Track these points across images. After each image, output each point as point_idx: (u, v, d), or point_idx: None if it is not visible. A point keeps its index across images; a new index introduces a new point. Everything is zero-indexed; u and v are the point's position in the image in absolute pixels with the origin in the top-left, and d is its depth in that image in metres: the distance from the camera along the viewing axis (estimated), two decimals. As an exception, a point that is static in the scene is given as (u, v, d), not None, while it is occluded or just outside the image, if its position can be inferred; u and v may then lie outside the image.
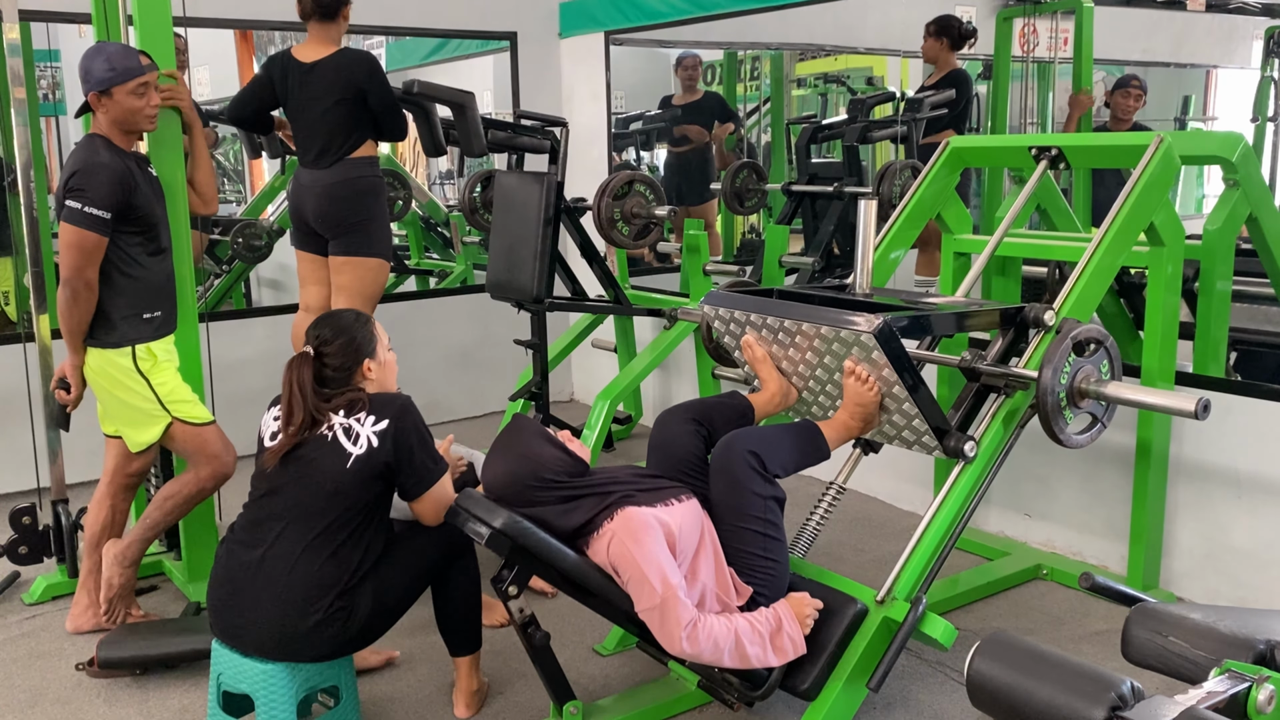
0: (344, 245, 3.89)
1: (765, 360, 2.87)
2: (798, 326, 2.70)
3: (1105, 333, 2.72)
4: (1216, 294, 3.35)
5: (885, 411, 2.72)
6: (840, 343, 2.62)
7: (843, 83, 6.01)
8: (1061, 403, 2.66)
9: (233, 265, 5.57)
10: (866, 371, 2.64)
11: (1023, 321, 2.79)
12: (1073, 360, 2.65)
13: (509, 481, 2.44)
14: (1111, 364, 2.73)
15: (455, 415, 5.40)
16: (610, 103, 5.53)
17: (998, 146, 3.67)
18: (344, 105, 3.77)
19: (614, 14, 5.34)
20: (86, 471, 3.85)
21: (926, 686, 2.89)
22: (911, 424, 2.71)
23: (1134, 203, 2.90)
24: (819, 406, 2.90)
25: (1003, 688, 1.68)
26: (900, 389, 2.61)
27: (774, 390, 2.86)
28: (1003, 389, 2.77)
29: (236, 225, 5.43)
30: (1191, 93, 5.66)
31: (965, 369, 2.80)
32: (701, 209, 6.07)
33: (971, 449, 2.69)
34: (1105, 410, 2.76)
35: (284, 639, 2.43)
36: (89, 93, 2.97)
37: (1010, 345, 2.83)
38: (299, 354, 2.59)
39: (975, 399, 2.83)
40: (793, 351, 2.79)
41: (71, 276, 2.96)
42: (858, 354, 2.62)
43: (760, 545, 2.50)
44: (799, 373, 2.84)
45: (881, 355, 2.55)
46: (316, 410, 2.52)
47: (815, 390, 2.85)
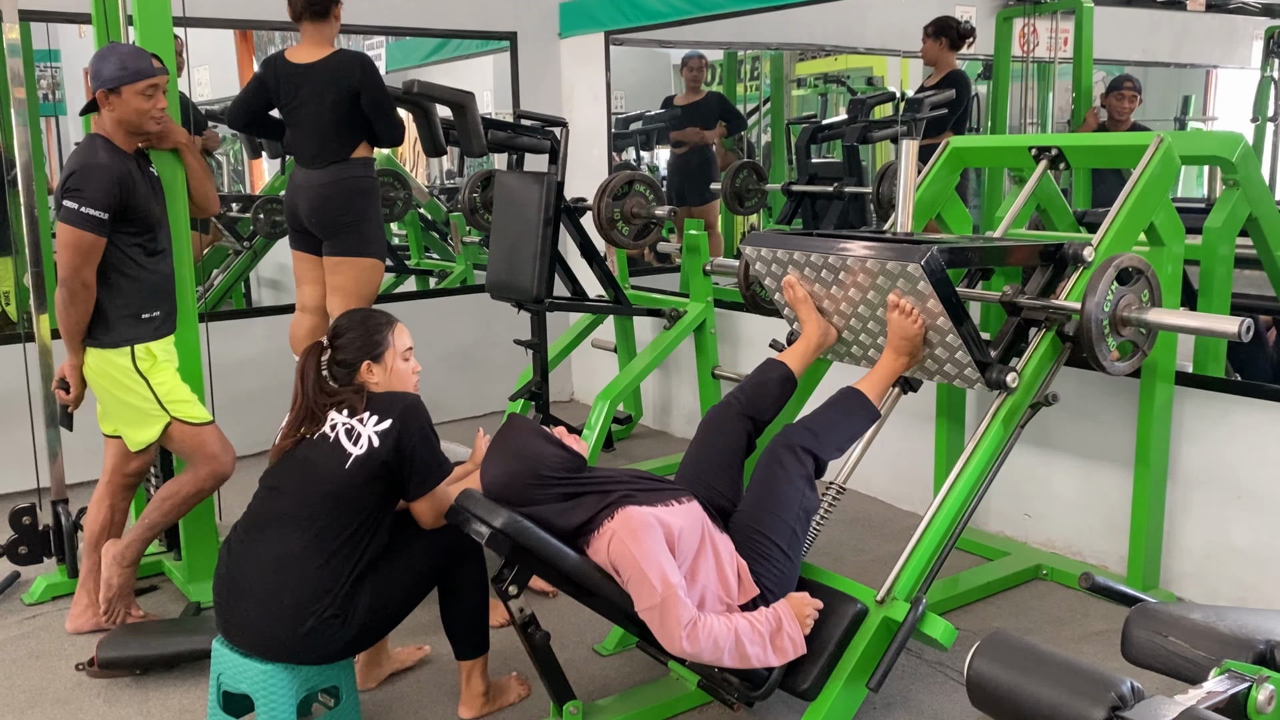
0: (338, 246, 3.90)
1: (806, 300, 2.91)
2: (842, 262, 2.74)
3: (1145, 262, 2.76)
4: (1216, 294, 3.35)
5: (928, 345, 2.76)
6: (886, 276, 2.65)
7: (843, 83, 6.01)
8: (1105, 330, 2.69)
9: (254, 241, 5.59)
10: (911, 304, 2.68)
11: (1062, 258, 2.84)
12: (1115, 289, 2.69)
13: (508, 481, 2.44)
14: (1152, 291, 2.77)
15: (455, 415, 5.40)
16: (610, 103, 5.53)
17: (998, 146, 3.67)
18: (338, 107, 3.76)
19: (614, 14, 5.34)
20: (86, 471, 3.85)
21: (926, 686, 2.89)
22: (955, 356, 2.74)
23: (1134, 203, 2.90)
24: (860, 346, 2.94)
25: (1003, 688, 1.68)
26: (945, 320, 2.65)
27: (812, 331, 2.91)
28: (1044, 321, 2.81)
29: (258, 200, 5.47)
30: (1191, 93, 5.66)
31: (1006, 304, 2.85)
32: (703, 209, 6.07)
33: (1014, 379, 2.74)
34: (1147, 337, 2.81)
35: (280, 641, 2.43)
36: (97, 90, 2.97)
37: (1050, 281, 2.87)
38: (312, 344, 2.60)
39: (1015, 334, 2.87)
40: (835, 289, 2.82)
41: (69, 277, 2.96)
42: (903, 286, 2.64)
43: (785, 538, 2.54)
44: (840, 311, 2.88)
45: (928, 286, 2.57)
46: (315, 403, 2.52)
47: (857, 328, 2.89)
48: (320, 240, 3.93)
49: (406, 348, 2.67)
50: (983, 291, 3.19)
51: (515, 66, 5.58)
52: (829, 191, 4.77)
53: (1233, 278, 3.37)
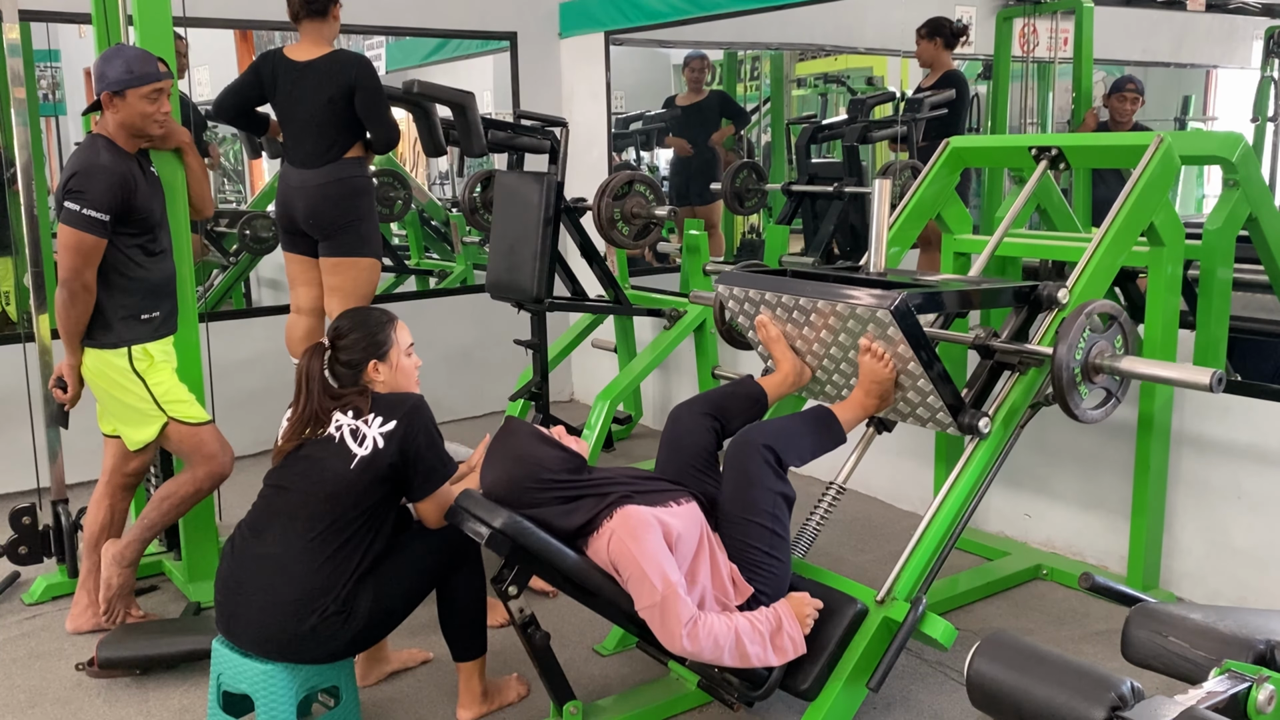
0: (335, 246, 3.89)
1: (779, 340, 2.88)
2: (813, 304, 2.72)
3: (1119, 308, 2.74)
4: (1216, 294, 3.35)
5: (900, 389, 2.74)
6: (856, 320, 2.64)
7: (843, 83, 6.01)
8: (1077, 378, 2.67)
9: (239, 257, 5.57)
10: (882, 348, 2.66)
11: (1036, 300, 2.81)
12: (1087, 335, 2.67)
13: (509, 485, 2.43)
14: (1125, 338, 2.76)
15: (455, 415, 5.40)
16: (610, 103, 5.53)
17: (998, 146, 3.67)
18: (334, 106, 3.76)
19: (614, 14, 5.34)
20: (86, 471, 3.85)
21: (926, 686, 2.89)
22: (926, 401, 2.72)
23: (1134, 202, 2.90)
24: (833, 385, 2.91)
25: (1003, 688, 1.68)
26: (915, 365, 2.63)
27: (788, 370, 2.88)
28: (1017, 365, 2.79)
29: (244, 217, 5.45)
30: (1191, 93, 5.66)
31: (979, 346, 2.83)
32: (706, 209, 6.07)
33: (986, 425, 2.71)
34: (1120, 385, 2.79)
35: (281, 641, 2.43)
36: (102, 92, 2.97)
37: (1023, 323, 2.85)
38: (314, 344, 2.59)
39: (989, 377, 2.85)
40: (807, 330, 2.80)
41: (69, 278, 2.96)
42: (873, 331, 2.63)
43: (767, 542, 2.51)
44: (813, 351, 2.85)
45: (897, 332, 2.56)
46: (320, 405, 2.52)
47: (829, 369, 2.87)
48: (314, 241, 3.93)
49: (409, 344, 2.69)
50: (954, 333, 3.15)
51: (515, 66, 5.58)
52: (829, 191, 4.77)
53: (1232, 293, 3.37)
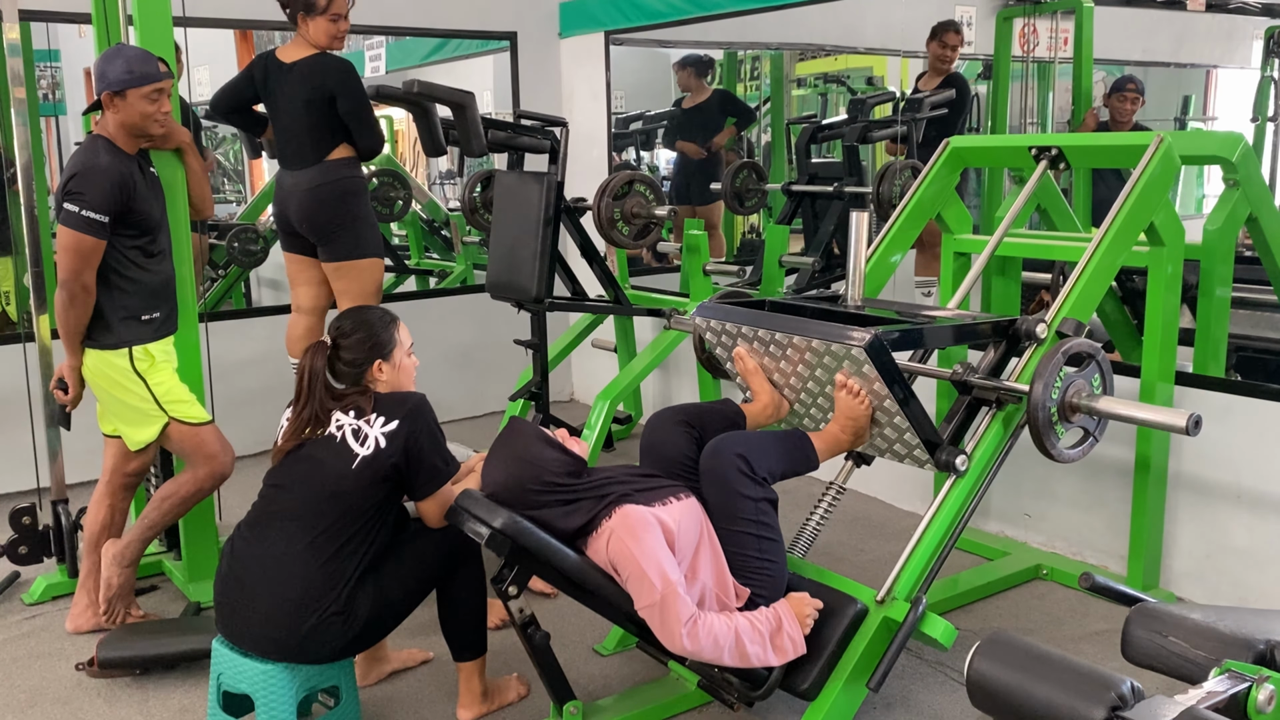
0: (334, 250, 3.89)
1: (757, 372, 2.86)
2: (789, 339, 2.70)
3: (1096, 346, 2.70)
4: (1216, 294, 3.35)
5: (876, 425, 2.71)
6: (831, 356, 2.62)
7: (843, 83, 6.01)
8: (1053, 418, 2.64)
9: (229, 270, 5.58)
10: (858, 385, 2.64)
11: (1015, 334, 2.78)
12: (1064, 375, 2.64)
13: (511, 486, 2.43)
14: (1103, 378, 2.72)
15: (455, 415, 5.40)
16: (610, 103, 5.53)
17: (998, 146, 3.67)
18: (312, 109, 3.76)
19: (614, 14, 5.34)
20: (86, 471, 3.85)
21: (926, 686, 2.89)
22: (903, 438, 2.70)
23: (1134, 203, 2.90)
24: (810, 419, 2.89)
25: (1003, 688, 1.68)
26: (891, 403, 2.61)
27: (766, 402, 2.85)
28: (995, 402, 2.75)
29: (233, 230, 5.43)
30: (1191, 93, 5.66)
31: (957, 382, 2.79)
32: (706, 209, 6.07)
33: (963, 463, 2.67)
34: (1097, 424, 2.74)
35: (281, 640, 2.43)
36: (103, 92, 2.96)
37: (1003, 357, 2.82)
38: (315, 343, 2.59)
39: (967, 412, 2.81)
40: (784, 364, 2.78)
41: (69, 279, 2.96)
42: (849, 367, 2.61)
43: (755, 547, 2.50)
44: (790, 385, 2.83)
45: (872, 369, 2.54)
46: (322, 405, 2.52)
47: (807, 403, 2.84)
48: (311, 241, 3.94)
49: (410, 344, 2.70)
50: (933, 368, 3.13)
51: (515, 66, 5.58)
52: (829, 191, 4.77)
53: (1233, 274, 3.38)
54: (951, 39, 4.88)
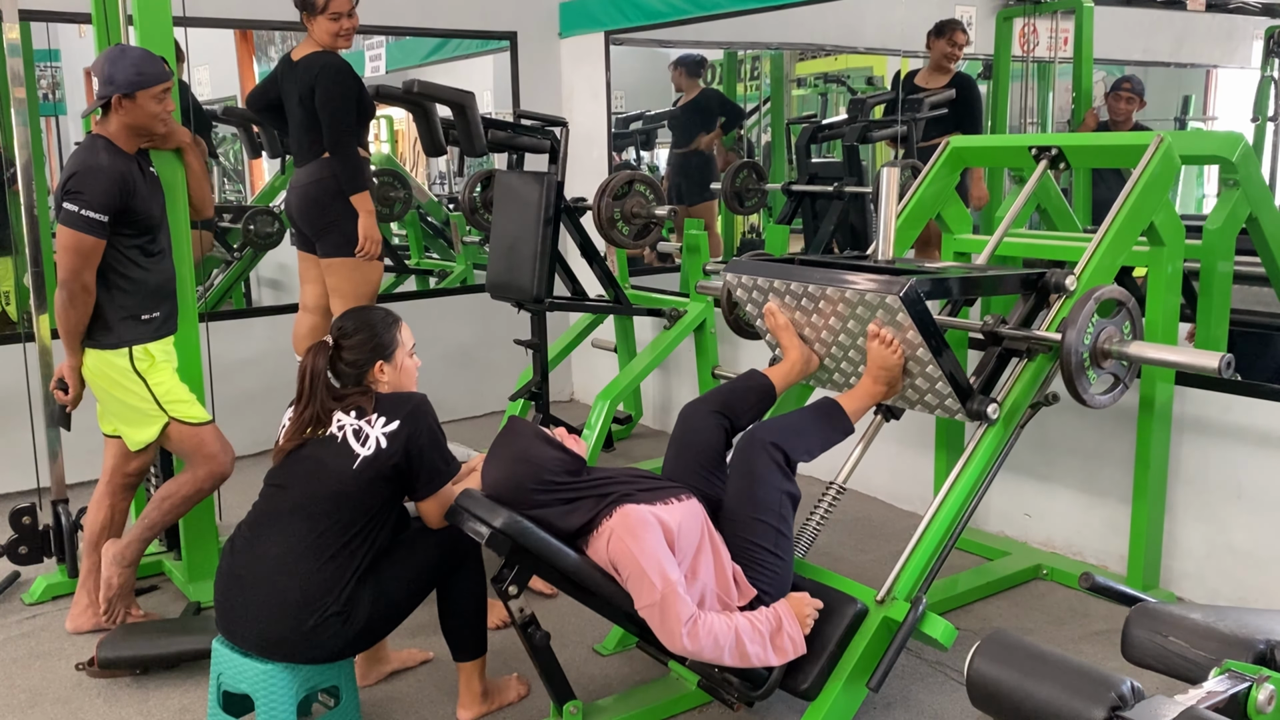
0: (327, 246, 3.94)
1: (787, 328, 2.89)
2: (822, 291, 2.72)
3: (1127, 294, 2.75)
4: (1216, 294, 3.35)
5: (908, 375, 2.74)
6: (865, 306, 2.64)
7: (843, 83, 6.02)
8: (1085, 363, 2.68)
9: (244, 252, 5.59)
10: (890, 335, 2.66)
11: (1044, 286, 2.82)
12: (1095, 321, 2.68)
13: (510, 486, 2.43)
14: (1133, 324, 2.76)
15: (455, 415, 5.40)
16: (610, 103, 5.53)
17: (998, 146, 3.67)
18: (304, 106, 3.82)
19: (614, 14, 5.34)
20: (86, 471, 3.85)
21: (926, 686, 2.89)
22: (935, 387, 2.73)
23: (1134, 202, 2.90)
24: (841, 374, 2.92)
25: (1003, 688, 1.68)
26: (924, 352, 2.63)
27: (795, 358, 2.89)
28: (1025, 352, 2.80)
29: (249, 212, 5.47)
30: (1191, 93, 5.66)
31: (987, 333, 2.83)
32: (701, 209, 6.07)
33: (994, 411, 2.72)
34: (1128, 370, 2.79)
35: (282, 640, 2.43)
36: (113, 95, 2.96)
37: (1031, 310, 2.86)
38: (317, 343, 2.59)
39: (997, 364, 2.86)
40: (815, 318, 2.81)
41: (68, 279, 2.96)
42: (882, 317, 2.63)
43: (772, 540, 2.52)
44: (821, 339, 2.86)
45: (906, 318, 2.56)
46: (323, 405, 2.51)
47: (838, 356, 2.87)
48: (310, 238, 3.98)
49: (411, 344, 2.70)
50: (963, 320, 3.17)
51: (515, 66, 5.58)
52: (829, 191, 4.77)
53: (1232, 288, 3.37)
54: (960, 38, 4.88)
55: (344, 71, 3.82)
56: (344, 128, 3.81)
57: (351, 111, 3.82)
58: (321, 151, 3.85)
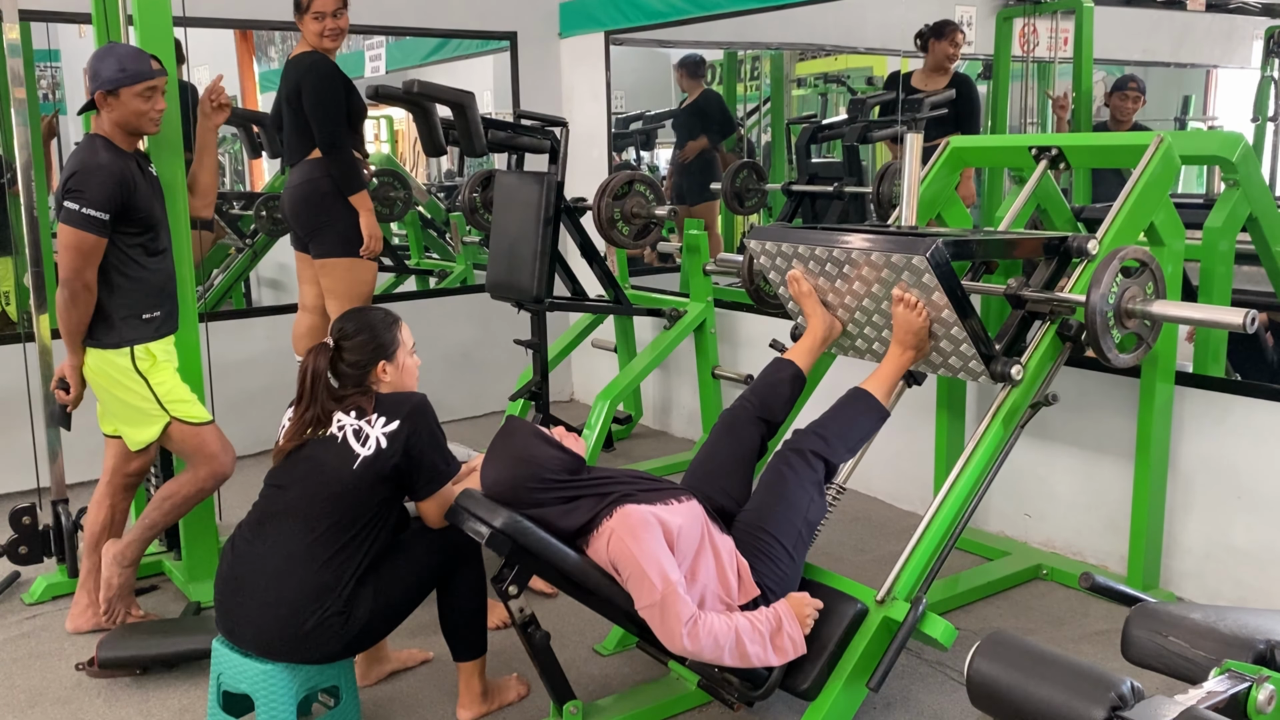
0: (319, 248, 3.95)
1: (811, 294, 2.91)
2: (847, 255, 2.74)
3: (1149, 253, 2.75)
4: (1216, 293, 3.35)
5: (933, 338, 2.76)
6: (891, 268, 2.66)
7: (843, 83, 6.01)
8: (1110, 322, 2.69)
9: (256, 239, 5.60)
10: (916, 297, 2.68)
11: (1066, 251, 2.84)
12: (1119, 281, 2.69)
13: (510, 485, 2.43)
14: (1156, 284, 2.77)
15: (455, 415, 5.40)
16: (610, 103, 5.53)
17: (998, 146, 3.67)
18: (290, 106, 3.83)
19: (614, 14, 5.34)
20: (86, 471, 3.85)
21: (926, 686, 2.89)
22: (959, 349, 2.74)
23: (1134, 202, 2.90)
24: (864, 339, 2.94)
25: (1003, 688, 1.68)
26: (949, 313, 2.65)
27: (818, 325, 2.92)
28: (1048, 314, 2.81)
29: (260, 198, 5.51)
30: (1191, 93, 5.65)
31: (1010, 296, 2.85)
32: (701, 209, 6.07)
33: (1019, 372, 2.74)
34: (1151, 329, 2.80)
35: (282, 640, 2.43)
36: (96, 91, 2.96)
37: (1053, 274, 2.87)
38: (317, 344, 2.59)
39: (1020, 327, 2.87)
40: (840, 283, 2.82)
41: (70, 278, 2.96)
42: (908, 279, 2.65)
43: (792, 539, 2.55)
44: (845, 304, 2.88)
45: (933, 279, 2.58)
46: (324, 406, 2.51)
47: (861, 322, 2.89)
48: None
49: (411, 344, 2.71)
50: (986, 284, 3.19)
51: (515, 66, 5.58)
52: (829, 191, 4.77)
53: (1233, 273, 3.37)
54: (960, 39, 4.89)
55: (327, 71, 3.81)
56: (335, 128, 3.81)
57: (340, 112, 3.82)
58: (310, 152, 3.84)
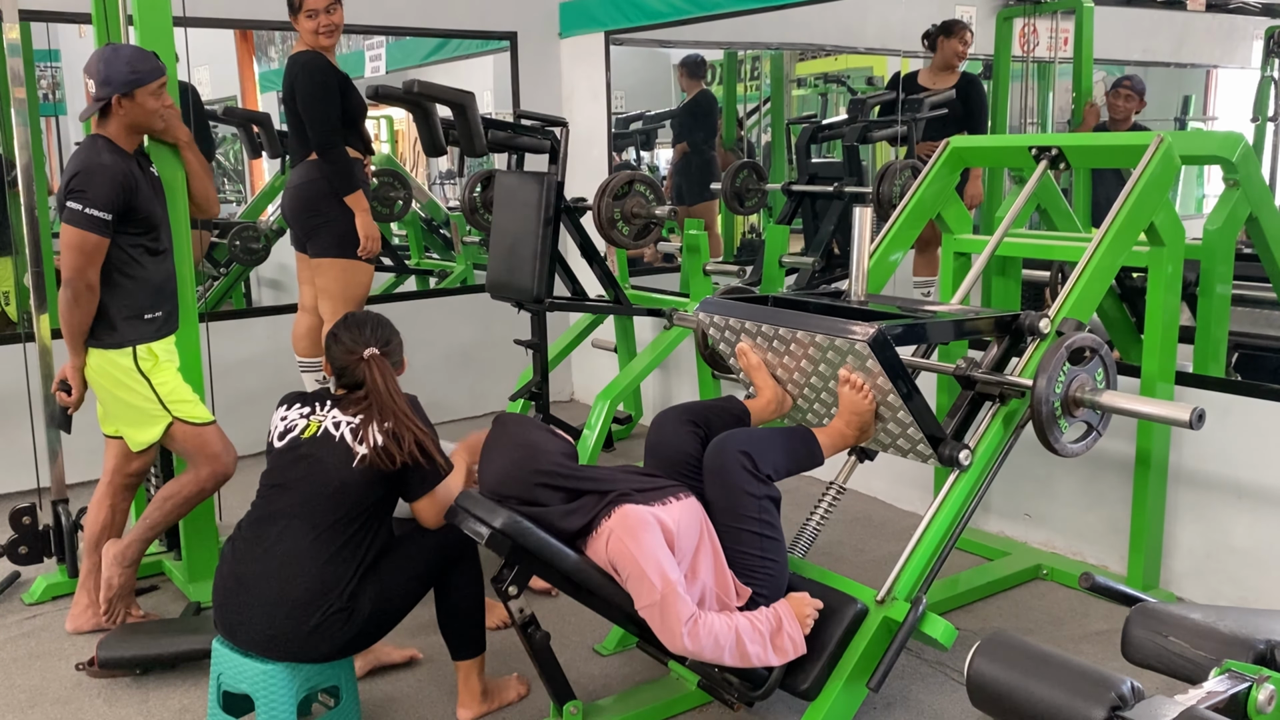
0: (315, 247, 3.96)
1: (760, 368, 2.86)
2: (792, 335, 2.69)
3: (1100, 341, 2.70)
4: (1217, 294, 3.35)
5: (880, 420, 2.71)
6: (835, 351, 2.61)
7: (843, 83, 6.01)
8: (1056, 412, 2.64)
9: (230, 268, 5.58)
10: (861, 380, 2.63)
11: (1018, 329, 2.78)
12: (1067, 369, 2.63)
13: (510, 472, 2.45)
14: (1106, 372, 2.72)
15: (455, 415, 5.40)
16: (610, 103, 5.53)
17: (998, 146, 3.67)
18: (288, 107, 3.86)
19: (614, 14, 5.34)
20: (86, 471, 3.85)
21: (926, 686, 2.89)
22: (906, 432, 2.70)
23: (1134, 203, 2.90)
24: (814, 415, 2.89)
25: (1003, 688, 1.68)
26: (895, 397, 2.60)
27: (770, 398, 2.85)
28: (998, 397, 2.75)
29: (234, 228, 5.44)
30: (1191, 93, 5.66)
31: (960, 377, 2.79)
32: (700, 208, 6.07)
33: (966, 457, 2.67)
34: (1100, 419, 2.74)
35: (284, 638, 2.43)
36: (112, 95, 2.96)
37: (1006, 352, 2.82)
38: (375, 355, 2.55)
39: (970, 406, 2.81)
40: (788, 359, 2.77)
41: (73, 278, 2.96)
42: (852, 362, 2.60)
43: (757, 546, 2.50)
44: (794, 380, 2.83)
45: (876, 364, 2.53)
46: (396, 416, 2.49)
47: (810, 398, 2.84)
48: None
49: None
50: (936, 363, 3.14)
51: (515, 66, 5.58)
52: (829, 191, 4.77)
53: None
54: (969, 38, 4.89)
55: (320, 71, 3.80)
56: (327, 128, 3.80)
57: (333, 111, 3.81)
58: (310, 152, 3.85)
